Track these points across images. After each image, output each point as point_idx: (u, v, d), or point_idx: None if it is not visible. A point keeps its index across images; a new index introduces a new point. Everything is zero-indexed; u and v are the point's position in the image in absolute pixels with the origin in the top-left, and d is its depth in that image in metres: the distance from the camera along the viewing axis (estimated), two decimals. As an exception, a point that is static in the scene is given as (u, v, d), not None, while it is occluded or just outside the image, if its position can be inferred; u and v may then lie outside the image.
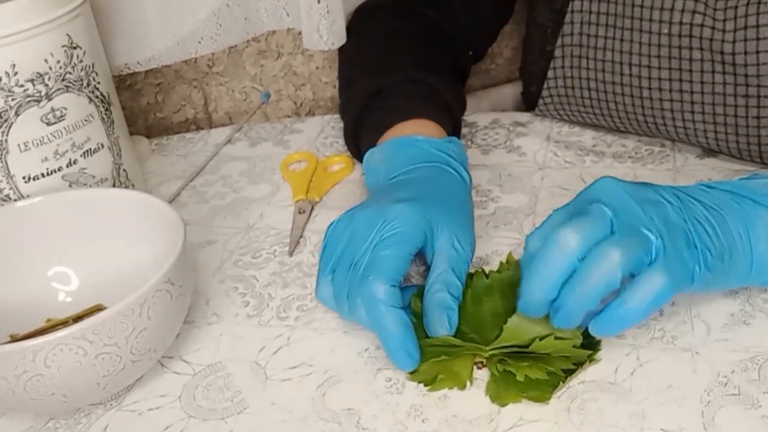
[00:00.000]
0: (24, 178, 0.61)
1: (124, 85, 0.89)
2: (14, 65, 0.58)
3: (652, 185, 0.50)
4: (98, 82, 0.65)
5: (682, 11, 0.62)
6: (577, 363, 0.49)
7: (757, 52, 0.59)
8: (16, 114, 0.59)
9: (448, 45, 0.77)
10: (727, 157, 0.68)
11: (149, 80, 0.90)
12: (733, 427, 0.45)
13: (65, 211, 0.59)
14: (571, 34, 0.68)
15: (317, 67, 0.93)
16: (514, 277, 0.55)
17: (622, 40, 0.65)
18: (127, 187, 0.69)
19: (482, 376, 0.50)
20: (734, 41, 0.60)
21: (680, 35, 0.62)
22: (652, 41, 0.64)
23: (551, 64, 0.71)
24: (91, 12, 0.66)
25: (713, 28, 0.61)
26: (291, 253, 0.64)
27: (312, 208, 0.70)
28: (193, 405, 0.51)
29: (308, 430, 0.48)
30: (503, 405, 0.48)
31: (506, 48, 0.99)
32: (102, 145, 0.65)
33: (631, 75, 0.66)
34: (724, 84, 0.62)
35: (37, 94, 0.60)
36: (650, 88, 0.66)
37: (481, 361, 0.51)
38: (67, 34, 0.61)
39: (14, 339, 0.55)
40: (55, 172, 0.63)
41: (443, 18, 0.77)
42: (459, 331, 0.52)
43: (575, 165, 0.72)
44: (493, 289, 0.55)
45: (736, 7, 0.60)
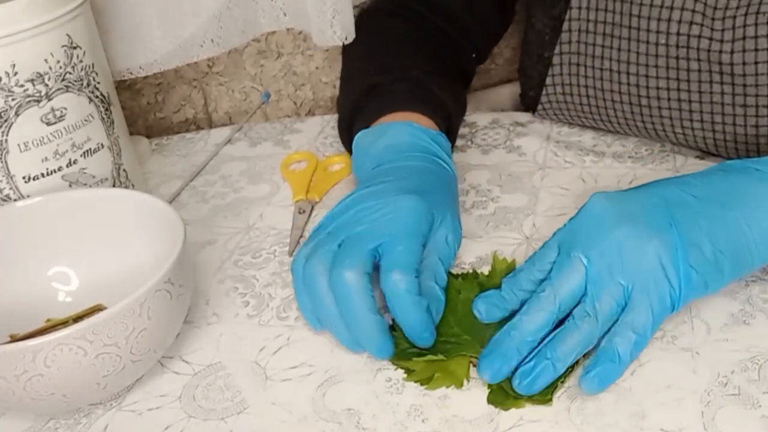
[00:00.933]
0: (24, 178, 0.61)
1: (124, 85, 0.89)
2: (14, 65, 0.58)
3: (642, 195, 0.51)
4: (98, 82, 0.65)
5: (680, 22, 0.61)
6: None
7: (756, 63, 0.59)
8: (16, 114, 0.59)
9: (451, 47, 0.77)
10: (726, 158, 0.68)
11: (149, 80, 0.90)
12: (733, 427, 0.45)
13: (65, 211, 0.59)
14: (569, 42, 0.68)
15: (317, 67, 0.93)
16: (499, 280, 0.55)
17: (619, 49, 0.65)
18: (127, 187, 0.69)
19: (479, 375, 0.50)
20: (732, 52, 0.60)
21: (678, 46, 0.62)
22: (650, 51, 0.63)
23: (550, 71, 0.71)
24: (91, 12, 0.66)
25: (711, 38, 0.60)
26: (291, 253, 0.64)
27: (312, 208, 0.70)
28: (193, 405, 0.51)
29: (308, 430, 0.48)
30: (506, 409, 0.48)
31: (506, 48, 0.99)
32: (102, 145, 0.65)
33: (629, 84, 0.66)
34: (722, 94, 0.62)
35: (37, 94, 0.60)
36: (648, 97, 0.66)
37: (476, 357, 0.51)
38: (67, 34, 0.61)
39: (14, 339, 0.55)
40: (55, 172, 0.63)
41: (446, 20, 0.77)
42: (452, 333, 0.52)
43: (575, 165, 0.72)
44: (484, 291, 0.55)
45: (735, 17, 0.59)
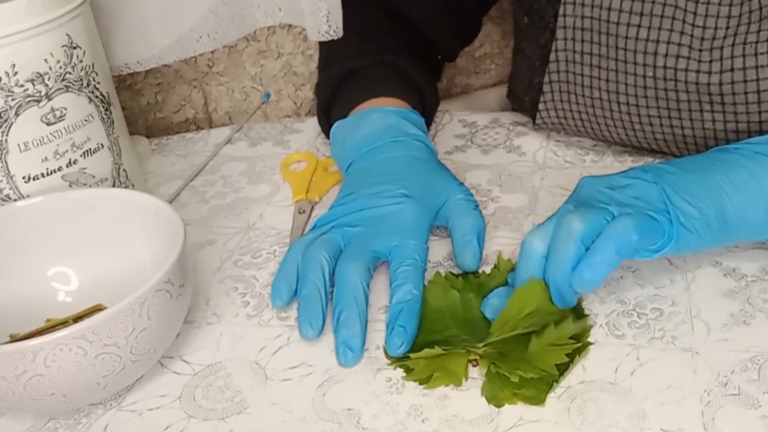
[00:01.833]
0: (24, 178, 0.61)
1: (124, 85, 0.89)
2: (14, 65, 0.58)
3: (627, 171, 0.54)
4: (98, 82, 0.65)
5: (666, 55, 0.61)
6: (570, 354, 0.49)
7: (745, 93, 0.59)
8: (16, 114, 0.59)
9: (420, 42, 0.78)
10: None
11: (149, 80, 0.90)
12: (733, 427, 0.45)
13: (65, 211, 0.59)
14: (557, 71, 0.67)
15: (317, 67, 0.93)
16: (504, 278, 0.56)
17: (607, 80, 0.64)
18: (127, 187, 0.69)
19: (479, 375, 0.50)
20: (721, 83, 0.59)
21: (665, 78, 0.61)
22: (638, 83, 0.63)
23: (541, 98, 0.70)
24: (90, 12, 0.66)
25: (698, 71, 0.60)
26: (291, 253, 0.65)
27: (312, 208, 0.70)
28: (193, 405, 0.51)
29: (308, 430, 0.48)
30: (499, 405, 0.48)
31: (506, 48, 0.99)
32: (102, 145, 0.65)
33: (620, 111, 0.66)
34: (714, 121, 0.62)
35: (37, 94, 0.60)
36: (641, 123, 0.65)
37: (475, 358, 0.51)
38: (67, 34, 0.61)
39: (14, 339, 0.55)
40: (55, 172, 0.63)
41: (412, 26, 0.77)
42: (451, 333, 0.52)
43: (575, 165, 0.72)
44: (484, 291, 0.56)
45: (722, 48, 0.59)
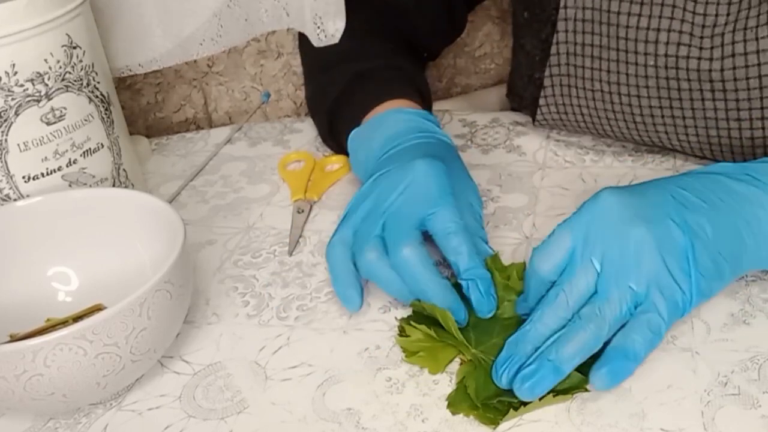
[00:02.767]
0: (24, 177, 0.61)
1: (124, 85, 0.89)
2: (14, 65, 0.58)
3: (653, 195, 0.51)
4: (98, 82, 0.65)
5: (668, 43, 0.61)
6: (543, 397, 0.47)
7: (747, 78, 0.59)
8: (16, 114, 0.59)
9: (409, 42, 0.78)
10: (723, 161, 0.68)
11: (149, 80, 0.90)
12: (733, 427, 0.45)
13: (65, 211, 0.59)
14: (558, 64, 0.67)
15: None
16: (517, 283, 0.55)
17: (609, 71, 0.64)
18: (127, 187, 0.69)
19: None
20: (722, 69, 0.59)
21: (667, 66, 0.61)
22: (639, 72, 0.63)
23: (542, 93, 0.70)
24: (90, 12, 0.66)
25: (700, 58, 0.60)
26: (291, 253, 0.65)
27: (311, 208, 0.70)
28: (193, 405, 0.51)
29: (308, 430, 0.48)
30: (454, 413, 0.48)
31: (506, 48, 0.99)
32: (102, 144, 0.65)
33: (621, 103, 0.66)
34: (715, 109, 0.62)
35: (37, 94, 0.60)
36: (642, 114, 0.65)
37: (463, 359, 0.51)
38: (67, 34, 0.61)
39: (14, 339, 0.55)
40: (54, 171, 0.63)
41: (397, 20, 0.78)
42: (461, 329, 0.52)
43: (575, 164, 0.72)
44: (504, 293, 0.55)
45: (723, 35, 0.59)
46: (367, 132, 0.67)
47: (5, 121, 0.59)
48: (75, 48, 0.62)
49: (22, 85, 0.59)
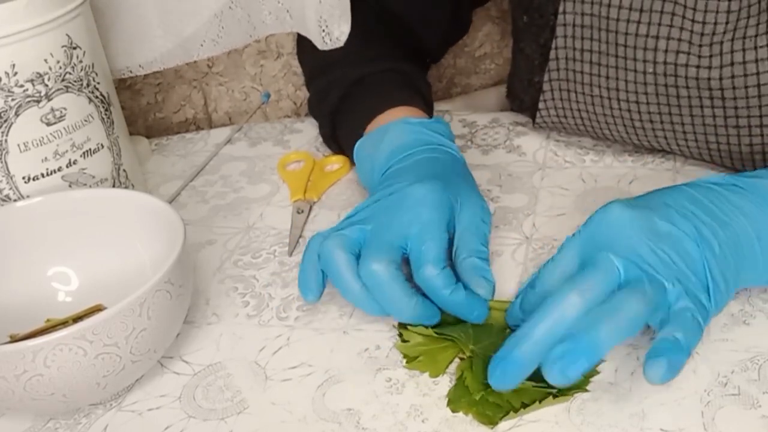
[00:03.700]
0: (24, 178, 0.61)
1: (124, 85, 0.89)
2: (14, 65, 0.58)
3: (662, 202, 0.50)
4: (98, 82, 0.65)
5: (666, 51, 0.60)
6: (543, 398, 0.47)
7: (746, 87, 0.59)
8: (16, 114, 0.59)
9: (411, 44, 0.78)
10: (721, 166, 0.68)
11: (149, 80, 0.90)
12: (733, 427, 0.45)
13: (65, 211, 0.59)
14: (557, 69, 0.67)
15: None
16: None
17: (607, 77, 0.64)
18: (127, 188, 0.69)
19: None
20: (721, 78, 0.59)
21: (666, 74, 0.61)
22: (638, 79, 0.63)
23: (541, 96, 0.70)
24: (90, 12, 0.66)
25: (698, 66, 0.60)
26: (291, 253, 0.65)
27: (311, 208, 0.70)
28: (193, 405, 0.51)
29: (308, 430, 0.48)
30: (454, 411, 0.48)
31: (506, 48, 0.99)
32: (102, 145, 0.65)
33: (620, 109, 0.65)
34: (714, 117, 0.62)
35: (37, 95, 0.60)
36: (641, 120, 0.65)
37: (463, 357, 0.51)
38: (67, 34, 0.61)
39: (14, 339, 0.55)
40: (54, 172, 0.63)
41: (401, 28, 0.77)
42: (451, 329, 0.53)
43: (575, 164, 0.72)
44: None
45: (722, 43, 0.59)
46: (373, 143, 0.66)
47: (5, 121, 0.59)
48: (75, 48, 0.62)
49: (22, 86, 0.59)
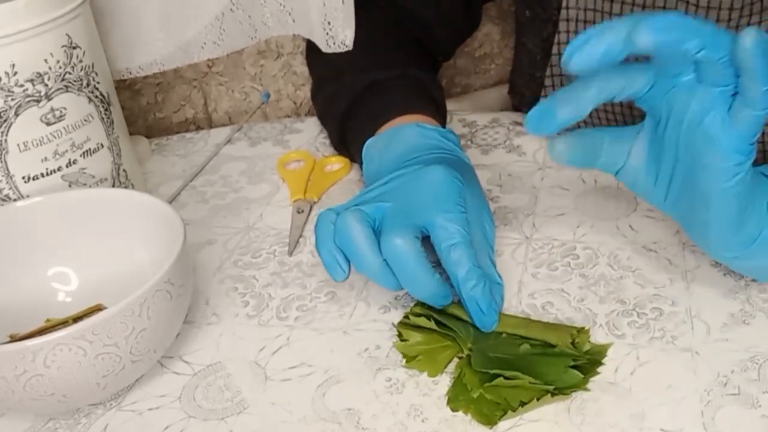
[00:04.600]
0: (24, 178, 0.61)
1: (124, 85, 0.89)
2: (14, 65, 0.58)
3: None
4: (98, 82, 0.65)
5: None
6: (541, 396, 0.47)
7: None
8: (16, 114, 0.59)
9: (424, 47, 0.78)
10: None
11: (149, 80, 0.90)
12: (733, 427, 0.45)
13: (65, 211, 0.59)
14: (560, 65, 0.67)
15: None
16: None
17: None
18: (127, 187, 0.69)
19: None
20: None
21: None
22: None
23: (542, 92, 0.70)
24: (90, 12, 0.66)
25: None
26: (291, 253, 0.65)
27: (311, 208, 0.70)
28: (193, 405, 0.51)
29: (308, 430, 0.48)
30: (454, 410, 0.48)
31: (506, 48, 0.99)
32: (102, 145, 0.65)
33: (621, 105, 0.65)
34: None
35: (37, 94, 0.60)
36: (642, 116, 0.65)
37: (461, 355, 0.51)
38: (67, 34, 0.61)
39: (14, 339, 0.55)
40: (54, 172, 0.63)
41: (417, 27, 0.77)
42: (458, 318, 0.53)
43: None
44: None
45: None
46: (385, 142, 0.64)
47: (5, 121, 0.59)
48: (75, 48, 0.62)
49: (21, 86, 0.59)
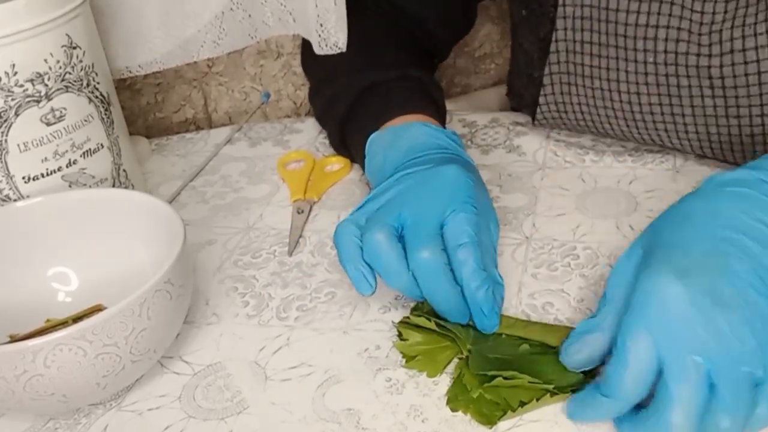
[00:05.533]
0: (24, 178, 0.61)
1: (124, 85, 0.89)
2: (14, 65, 0.58)
3: (715, 264, 0.43)
4: (98, 82, 0.65)
5: (666, 39, 0.61)
6: (541, 396, 0.47)
7: (746, 75, 0.59)
8: (16, 114, 0.59)
9: (422, 47, 0.78)
10: (723, 160, 0.68)
11: (149, 80, 0.90)
12: (733, 427, 0.45)
13: (65, 211, 0.59)
14: (558, 62, 0.67)
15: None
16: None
17: (608, 68, 0.64)
18: (127, 187, 0.69)
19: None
20: (721, 66, 0.59)
21: (666, 63, 0.61)
22: (638, 69, 0.63)
23: (541, 91, 0.70)
24: (90, 12, 0.66)
25: (698, 54, 0.60)
26: (291, 253, 0.65)
27: (311, 208, 0.70)
28: (193, 405, 0.51)
29: (308, 430, 0.48)
30: (454, 410, 0.48)
31: (506, 48, 0.99)
32: (102, 145, 0.65)
33: (621, 101, 0.66)
34: (715, 106, 0.62)
35: (37, 94, 0.60)
36: (642, 112, 0.65)
37: (460, 356, 0.52)
38: (67, 34, 0.61)
39: (14, 339, 0.55)
40: (54, 172, 0.63)
41: (417, 28, 0.77)
42: (452, 325, 0.53)
43: (575, 164, 0.72)
44: None
45: (721, 31, 0.59)
46: (390, 138, 0.64)
47: (5, 121, 0.59)
48: (75, 48, 0.62)
49: (21, 86, 0.59)
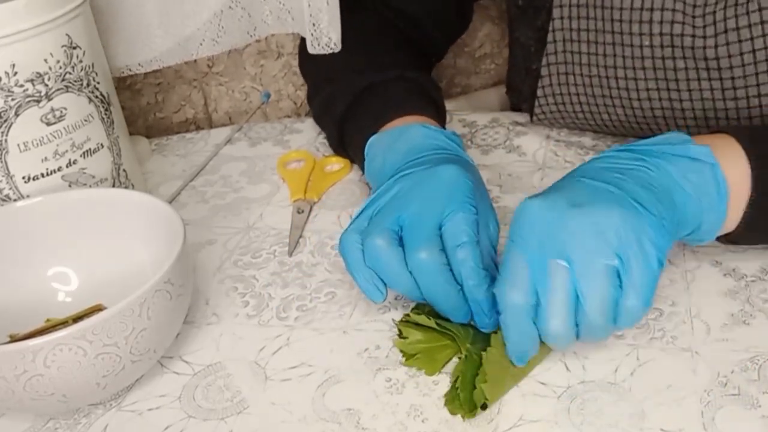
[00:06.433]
0: (24, 178, 0.61)
1: (124, 85, 0.89)
2: (14, 65, 0.58)
3: (571, 187, 0.50)
4: (98, 82, 0.65)
5: (662, 22, 0.61)
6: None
7: (741, 54, 0.59)
8: (16, 114, 0.59)
9: (419, 48, 0.77)
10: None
11: (149, 80, 0.90)
12: (733, 427, 0.45)
13: (65, 211, 0.59)
14: (555, 52, 0.68)
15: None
16: None
17: (605, 55, 0.65)
18: (127, 187, 0.69)
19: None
20: (716, 46, 0.60)
21: (662, 46, 0.62)
22: (635, 54, 0.63)
23: (539, 83, 0.70)
24: (90, 12, 0.66)
25: (693, 36, 0.60)
26: (291, 253, 0.65)
27: (311, 208, 0.70)
28: (193, 405, 0.51)
29: (308, 430, 0.48)
30: (452, 413, 0.48)
31: (506, 48, 0.99)
32: (102, 145, 0.65)
33: (618, 88, 0.66)
34: (712, 90, 0.62)
35: (37, 94, 0.60)
36: (639, 99, 0.66)
37: (459, 355, 0.52)
38: (67, 34, 0.61)
39: (14, 339, 0.55)
40: (54, 172, 0.63)
41: (412, 27, 0.77)
42: (450, 325, 0.53)
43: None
44: None
45: (715, 12, 0.59)
46: (389, 140, 0.63)
47: (5, 121, 0.59)
48: (75, 48, 0.62)
49: (22, 86, 0.59)
